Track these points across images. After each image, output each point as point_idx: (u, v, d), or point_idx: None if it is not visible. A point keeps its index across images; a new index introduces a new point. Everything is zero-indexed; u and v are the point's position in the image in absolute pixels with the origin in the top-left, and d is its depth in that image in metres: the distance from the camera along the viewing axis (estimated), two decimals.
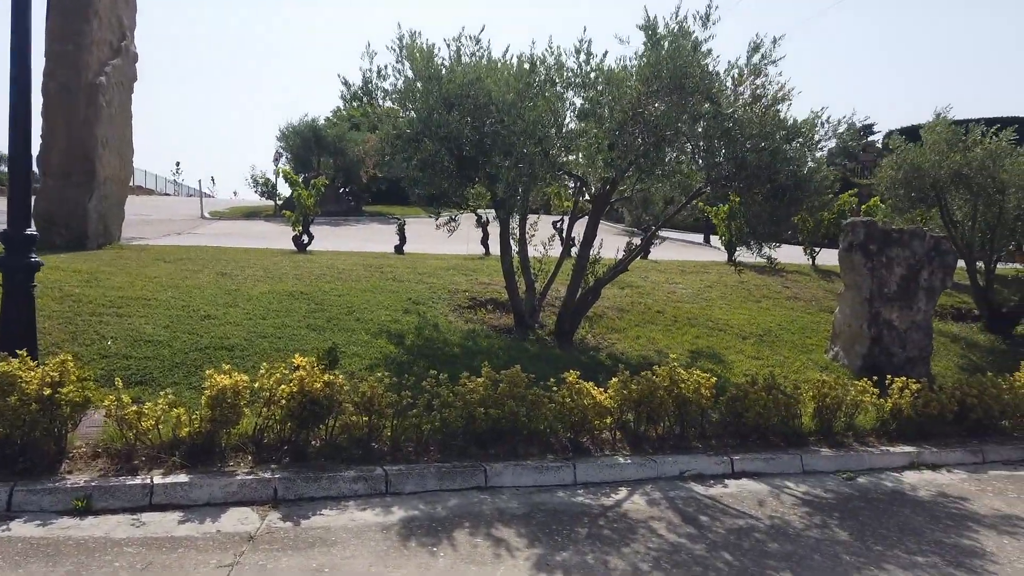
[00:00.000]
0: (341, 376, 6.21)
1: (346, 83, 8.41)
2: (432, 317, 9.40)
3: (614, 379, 7.24)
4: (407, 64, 8.32)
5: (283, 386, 6.00)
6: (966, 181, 11.27)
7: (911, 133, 12.04)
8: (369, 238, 22.05)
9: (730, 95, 7.74)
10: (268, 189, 32.40)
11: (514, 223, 9.66)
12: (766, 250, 8.23)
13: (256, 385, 6.11)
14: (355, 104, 8.41)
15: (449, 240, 9.58)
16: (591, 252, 9.15)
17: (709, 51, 7.35)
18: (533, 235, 9.94)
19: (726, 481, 6.76)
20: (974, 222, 11.85)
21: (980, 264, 12.00)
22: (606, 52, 7.75)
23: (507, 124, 7.60)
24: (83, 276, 9.22)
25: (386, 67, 8.41)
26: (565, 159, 7.92)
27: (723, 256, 16.68)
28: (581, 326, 9.70)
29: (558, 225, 15.37)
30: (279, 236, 22.22)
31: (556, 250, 10.94)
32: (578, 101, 7.81)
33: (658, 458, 6.85)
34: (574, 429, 6.91)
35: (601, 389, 7.03)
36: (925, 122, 12.32)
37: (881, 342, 9.52)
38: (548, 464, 6.42)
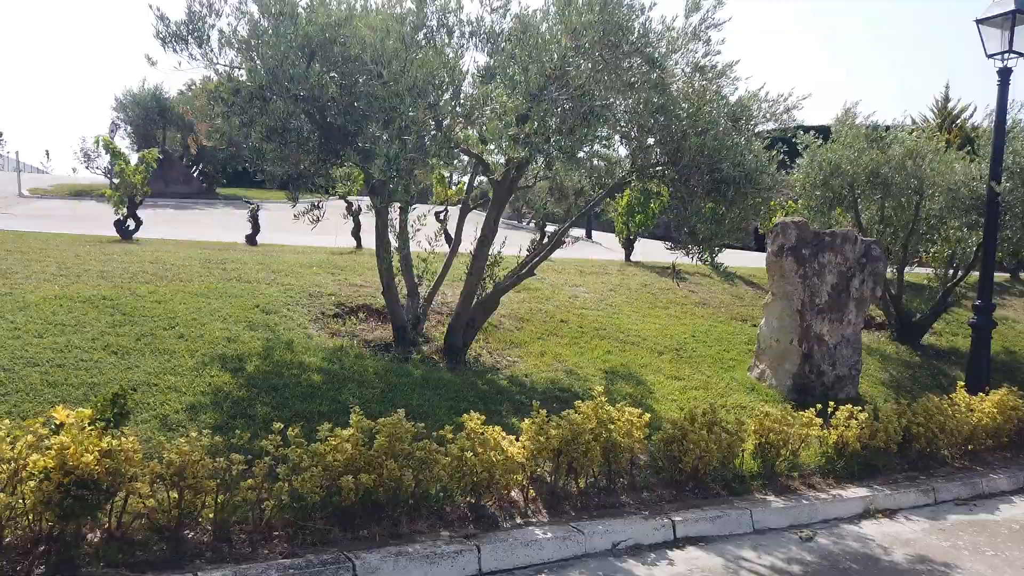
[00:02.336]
0: (132, 437, 4.12)
1: (163, 18, 6.16)
2: (286, 331, 7.33)
3: (527, 421, 5.56)
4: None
5: (36, 456, 3.87)
6: (883, 181, 10.48)
7: (824, 133, 11.17)
8: (220, 224, 19.20)
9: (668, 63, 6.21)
10: (103, 165, 28.33)
11: (393, 213, 7.76)
12: (709, 256, 6.82)
13: None
14: (178, 49, 6.18)
15: (314, 231, 7.61)
16: (491, 251, 7.40)
17: (653, 3, 5.78)
18: (419, 229, 8.07)
19: (670, 553, 5.26)
20: (884, 225, 11.14)
21: (889, 270, 11.32)
22: (527, 6, 5.99)
23: (387, 82, 5.70)
24: None
25: (223, 0, 6.25)
26: (461, 133, 6.13)
27: (616, 255, 15.46)
28: (475, 340, 7.96)
29: (441, 216, 13.52)
30: (106, 220, 18.90)
31: (442, 247, 9.13)
32: (481, 58, 6.03)
33: (584, 525, 5.24)
34: (476, 491, 5.16)
35: (511, 437, 5.31)
36: (833, 120, 11.53)
37: (812, 359, 8.43)
38: (442, 549, 4.63)
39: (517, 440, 5.36)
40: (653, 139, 6.54)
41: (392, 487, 4.75)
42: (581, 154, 6.08)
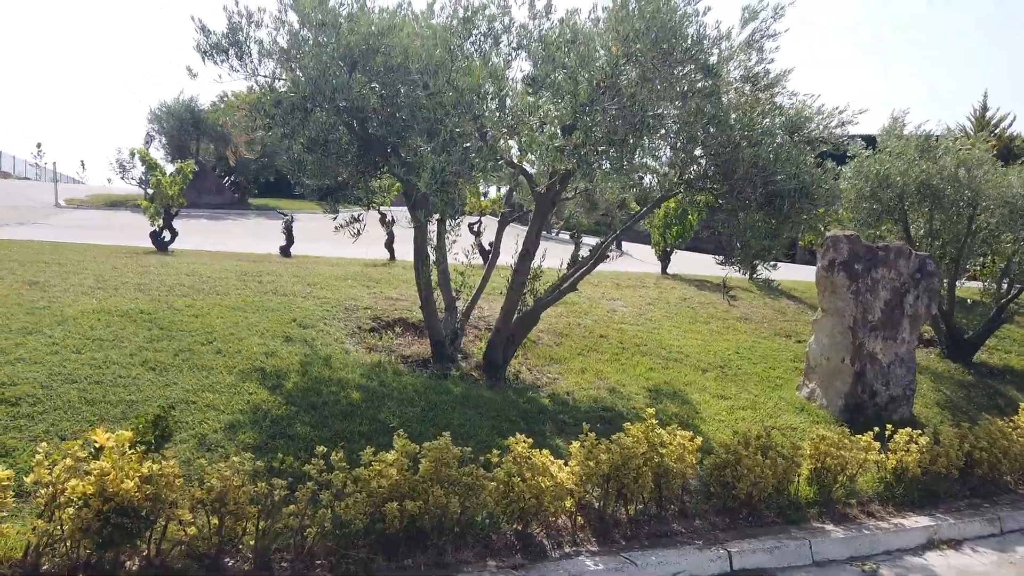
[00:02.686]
0: (173, 461, 3.97)
1: (204, 30, 6.07)
2: (323, 346, 7.18)
3: (575, 444, 5.33)
4: (291, 9, 6.08)
5: (74, 481, 3.73)
6: (934, 192, 10.10)
7: (870, 142, 10.82)
8: (253, 235, 19.27)
9: (722, 71, 5.97)
10: (138, 176, 28.68)
11: (430, 226, 7.59)
12: (763, 271, 6.54)
13: (29, 479, 3.80)
14: (218, 60, 6.07)
15: (346, 241, 7.46)
16: (532, 265, 7.20)
17: (707, 8, 5.56)
18: (454, 241, 7.89)
19: None
20: (933, 238, 10.74)
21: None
22: (575, 10, 5.75)
23: (432, 92, 5.53)
24: None
25: (262, 11, 6.15)
26: (505, 144, 5.94)
27: (650, 267, 15.19)
28: (514, 355, 7.74)
29: (475, 228, 13.36)
30: (142, 231, 19.05)
31: (476, 259, 8.97)
32: (526, 66, 5.83)
33: (636, 556, 4.99)
34: (523, 518, 4.94)
35: (559, 462, 5.09)
36: (880, 130, 11.17)
37: (864, 378, 8.08)
38: None
39: (566, 464, 5.14)
40: (702, 150, 6.29)
41: (438, 514, 4.55)
42: (631, 164, 5.84)
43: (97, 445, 3.85)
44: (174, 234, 12.02)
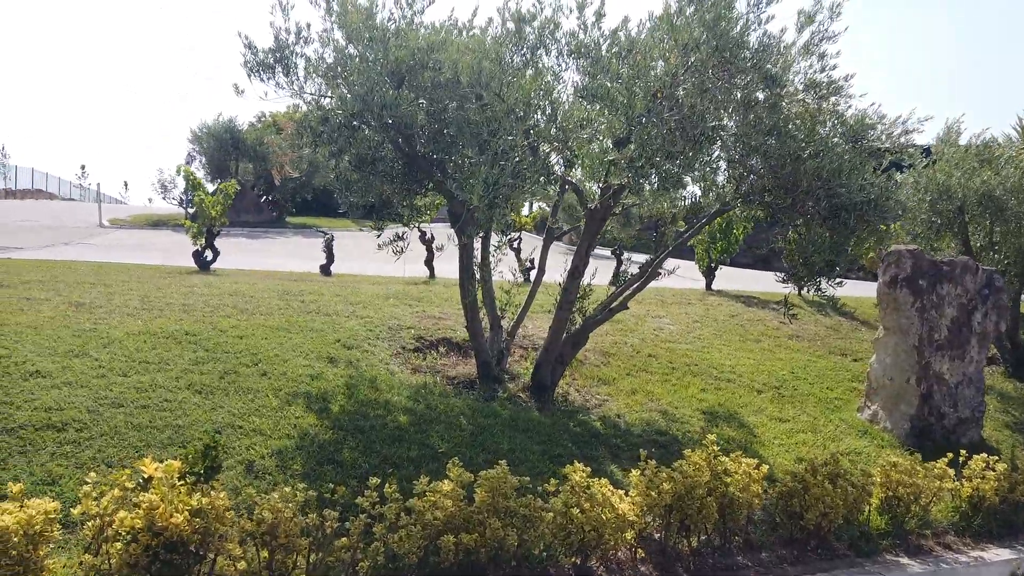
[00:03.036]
0: (223, 493, 3.82)
1: (250, 47, 6.00)
2: (368, 367, 7.02)
3: (635, 473, 5.07)
4: (337, 26, 5.98)
5: (123, 513, 3.59)
6: (997, 204, 9.66)
7: (923, 152, 10.42)
8: (291, 254, 19.35)
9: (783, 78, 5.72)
10: (179, 196, 29.14)
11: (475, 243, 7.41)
12: (827, 288, 6.22)
13: (77, 511, 3.67)
14: (264, 77, 6.00)
15: (383, 258, 7.32)
16: (582, 283, 6.97)
17: (770, 17, 5.31)
18: (499, 260, 7.71)
19: None
20: (994, 251, 10.28)
21: None
22: (626, 18, 5.52)
23: (485, 104, 5.36)
24: None
25: (308, 27, 6.06)
26: (557, 158, 5.75)
27: (692, 283, 14.83)
28: (562, 376, 7.51)
29: (515, 244, 13.19)
30: (183, 250, 19.24)
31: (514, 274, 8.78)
32: (578, 78, 5.63)
33: None
34: (582, 551, 4.69)
35: (620, 492, 4.83)
36: (933, 139, 10.75)
37: (931, 400, 7.68)
38: None
39: (626, 495, 4.88)
40: (762, 162, 6.02)
41: (495, 547, 4.33)
42: (690, 177, 5.61)
43: (146, 475, 3.71)
44: (216, 253, 12.05)
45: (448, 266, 8.24)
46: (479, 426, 6.26)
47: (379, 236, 6.78)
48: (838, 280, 6.14)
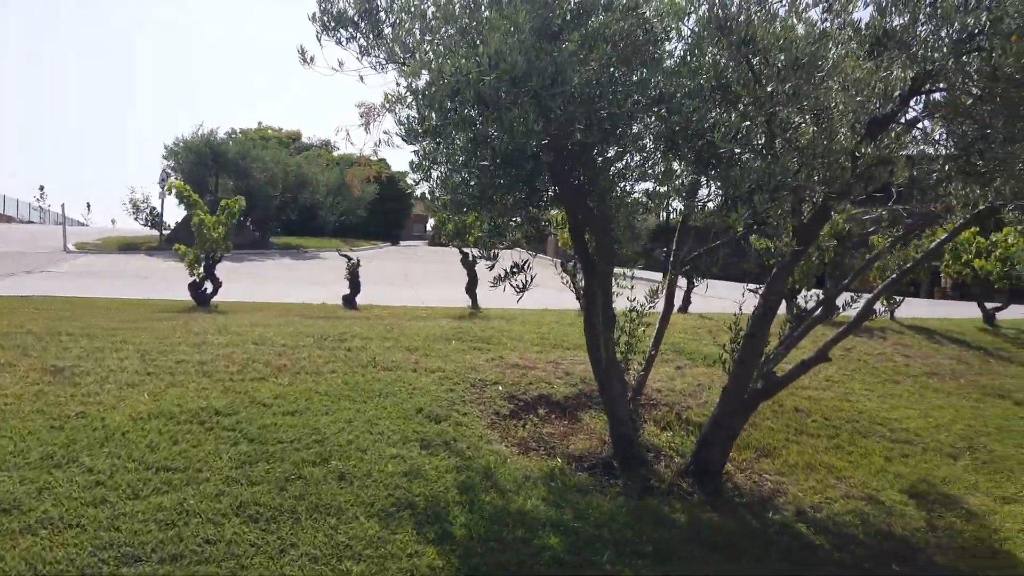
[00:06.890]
0: None
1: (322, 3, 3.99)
2: (472, 451, 5.01)
3: None
4: None
5: None
6: None
7: None
8: (287, 280, 17.20)
9: None
10: (152, 217, 26.74)
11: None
12: None
13: None
14: (341, 39, 4.02)
15: (385, 282, 5.39)
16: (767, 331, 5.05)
17: None
18: (626, 292, 5.80)
19: None
20: None
21: None
22: None
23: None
24: None
25: None
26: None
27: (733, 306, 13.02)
28: None
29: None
30: (163, 277, 16.96)
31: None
32: (856, 16, 3.71)
33: None
34: None
35: None
36: None
37: None
38: None
39: None
40: None
41: None
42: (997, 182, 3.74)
43: None
44: (217, 285, 9.91)
45: (492, 295, 6.39)
46: (658, 545, 4.27)
47: (492, 266, 4.78)
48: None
